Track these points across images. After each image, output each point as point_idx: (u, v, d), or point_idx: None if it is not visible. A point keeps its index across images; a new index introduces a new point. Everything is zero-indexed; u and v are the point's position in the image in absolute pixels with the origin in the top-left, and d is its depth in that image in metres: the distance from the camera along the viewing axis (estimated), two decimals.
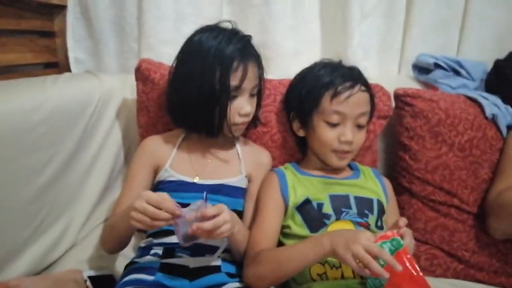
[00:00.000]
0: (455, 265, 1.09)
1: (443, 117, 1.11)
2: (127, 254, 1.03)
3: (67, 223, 1.06)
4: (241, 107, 0.94)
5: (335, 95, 0.95)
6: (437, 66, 1.29)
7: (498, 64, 1.25)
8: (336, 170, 1.04)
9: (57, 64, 1.43)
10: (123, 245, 0.94)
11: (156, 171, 1.00)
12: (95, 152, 1.17)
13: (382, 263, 0.71)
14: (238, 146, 1.05)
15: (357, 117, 0.97)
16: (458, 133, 1.11)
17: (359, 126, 0.98)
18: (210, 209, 0.75)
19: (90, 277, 0.94)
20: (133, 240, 1.08)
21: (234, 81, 0.91)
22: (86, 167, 1.14)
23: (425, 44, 1.41)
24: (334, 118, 0.96)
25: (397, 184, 1.16)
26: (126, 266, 0.93)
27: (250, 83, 0.94)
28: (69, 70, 1.44)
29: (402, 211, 1.13)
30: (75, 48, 1.45)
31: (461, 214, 1.11)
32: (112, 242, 0.93)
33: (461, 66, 1.28)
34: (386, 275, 0.69)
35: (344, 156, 0.99)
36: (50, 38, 1.41)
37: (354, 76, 0.99)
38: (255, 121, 1.05)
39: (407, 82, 1.34)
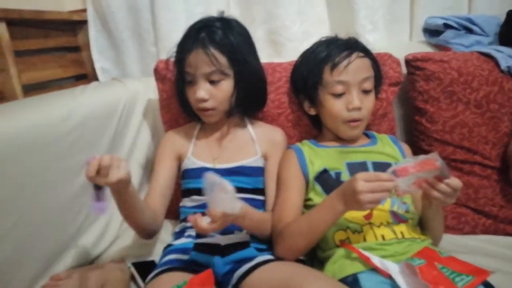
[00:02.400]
0: (483, 221, 1.09)
1: (455, 76, 1.11)
2: (166, 240, 1.11)
3: (108, 218, 1.16)
4: (194, 93, 0.99)
5: (334, 66, 0.98)
6: (448, 26, 1.28)
7: (510, 14, 1.21)
8: (352, 140, 1.06)
9: (86, 76, 1.55)
10: None
11: (180, 161, 1.07)
12: (128, 150, 1.26)
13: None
14: (251, 129, 1.09)
15: (360, 82, 0.99)
16: (473, 90, 1.10)
17: (365, 91, 1.00)
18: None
19: (133, 264, 1.03)
20: (170, 226, 1.17)
21: (185, 68, 0.99)
22: None
23: (435, 6, 1.40)
24: (338, 89, 0.99)
25: (417, 149, 1.17)
26: (164, 250, 1.01)
27: (198, 69, 0.97)
28: (97, 79, 1.55)
29: None
30: (100, 58, 1.56)
31: (484, 170, 1.10)
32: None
33: (472, 22, 1.26)
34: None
35: (356, 125, 1.01)
36: (77, 52, 1.53)
37: (350, 45, 1.01)
38: (230, 111, 1.04)
39: (420, 47, 1.33)
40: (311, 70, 1.03)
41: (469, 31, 1.27)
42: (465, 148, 1.11)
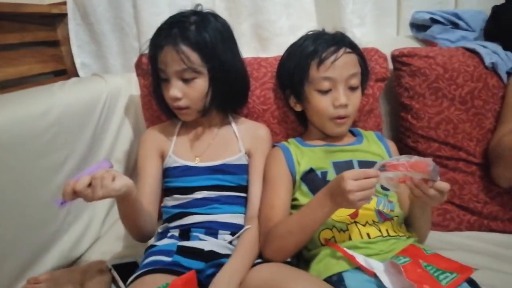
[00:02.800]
0: (468, 217, 1.09)
1: (441, 72, 1.10)
2: (148, 241, 1.09)
3: (89, 218, 1.14)
4: (168, 91, 0.97)
5: (320, 62, 0.96)
6: (434, 21, 1.27)
7: (495, 10, 1.22)
8: (338, 138, 1.05)
9: (65, 71, 1.50)
10: None
11: (162, 159, 1.04)
12: (109, 148, 1.24)
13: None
14: (234, 126, 1.07)
15: (347, 79, 0.97)
16: (458, 86, 1.10)
17: (352, 88, 0.98)
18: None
19: (114, 265, 1.01)
20: None
21: (159, 65, 0.96)
22: None
23: (422, 1, 1.39)
24: (325, 85, 0.97)
25: (403, 145, 1.17)
26: (145, 250, 0.98)
27: (169, 67, 0.94)
28: (77, 75, 1.51)
29: None
30: (80, 53, 1.51)
31: (469, 166, 1.11)
32: None
33: (459, 17, 1.26)
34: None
35: (342, 122, 1.00)
36: (56, 47, 1.48)
37: (337, 40, 0.99)
38: (204, 109, 0.99)
39: (406, 42, 1.33)
40: (297, 65, 1.01)
41: (456, 26, 1.27)
42: (450, 145, 1.11)
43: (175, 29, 0.93)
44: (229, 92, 1.01)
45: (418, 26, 1.33)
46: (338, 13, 1.37)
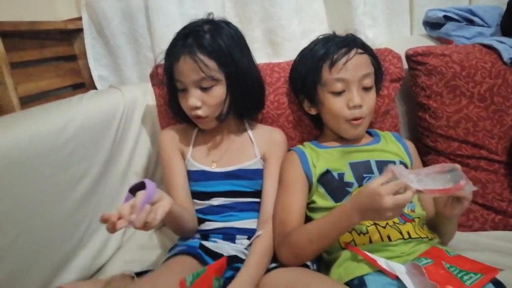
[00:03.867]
0: (493, 216, 1.06)
1: (458, 69, 1.08)
2: (169, 246, 1.10)
3: None
4: (186, 101, 0.97)
5: (332, 64, 0.96)
6: (448, 18, 1.25)
7: (511, 4, 1.19)
8: (355, 138, 1.04)
9: (84, 84, 1.54)
10: None
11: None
12: (128, 158, 1.25)
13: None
14: (250, 131, 1.08)
15: (360, 79, 0.96)
16: (476, 84, 1.08)
17: (366, 88, 0.98)
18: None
19: (137, 273, 1.01)
20: (171, 232, 1.16)
21: (175, 75, 0.97)
22: (121, 174, 1.22)
23: None
24: (338, 87, 0.97)
25: (422, 145, 1.15)
26: (170, 250, 0.99)
27: (187, 77, 0.94)
28: (95, 88, 1.54)
29: None
30: (97, 66, 1.55)
31: (491, 164, 1.08)
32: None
33: (473, 14, 1.24)
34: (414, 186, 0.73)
35: (358, 123, 0.99)
36: (73, 61, 1.52)
37: (348, 42, 0.99)
38: (221, 116, 1.00)
39: (421, 41, 1.31)
40: (309, 68, 1.01)
41: (470, 22, 1.24)
42: (470, 143, 1.09)
43: (190, 38, 0.94)
44: (247, 97, 1.02)
45: (432, 24, 1.31)
46: (349, 15, 1.37)
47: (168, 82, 1.01)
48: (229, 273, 0.88)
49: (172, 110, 1.06)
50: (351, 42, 0.99)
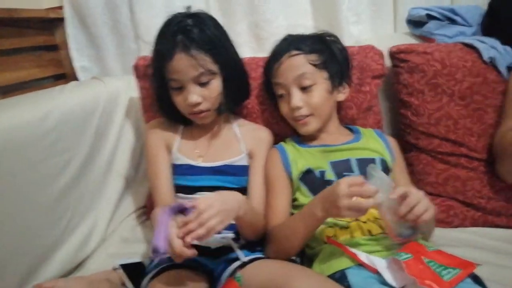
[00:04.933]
0: (472, 213, 1.09)
1: (439, 68, 1.10)
2: (150, 239, 1.09)
3: (94, 220, 1.14)
4: (185, 98, 0.96)
5: (269, 69, 1.03)
6: (431, 17, 1.27)
7: (492, 5, 1.21)
8: (335, 136, 1.05)
9: (65, 75, 1.51)
10: None
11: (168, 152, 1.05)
12: (111, 151, 1.24)
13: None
14: (236, 128, 1.08)
15: (294, 80, 0.99)
16: (457, 82, 1.10)
17: (304, 88, 0.99)
18: (191, 215, 0.75)
19: (121, 265, 1.00)
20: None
21: (169, 75, 0.95)
22: (104, 166, 1.21)
23: None
24: (278, 90, 1.03)
25: (404, 142, 1.17)
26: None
27: (186, 74, 0.93)
28: (77, 79, 1.52)
29: (411, 167, 1.14)
30: (79, 57, 1.52)
31: (471, 162, 1.10)
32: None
33: (455, 13, 1.26)
34: (372, 202, 0.74)
35: (304, 122, 1.01)
36: (55, 51, 1.49)
37: (282, 46, 1.04)
38: (221, 107, 1.00)
39: (404, 39, 1.32)
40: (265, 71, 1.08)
41: (452, 21, 1.26)
42: (451, 140, 1.11)
43: (179, 35, 0.92)
44: (238, 86, 1.03)
45: (415, 23, 1.33)
46: (334, 11, 1.37)
47: (158, 82, 0.99)
48: (221, 265, 0.89)
49: (162, 109, 1.04)
50: (285, 46, 1.03)
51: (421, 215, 0.75)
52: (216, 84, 0.97)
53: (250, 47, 1.46)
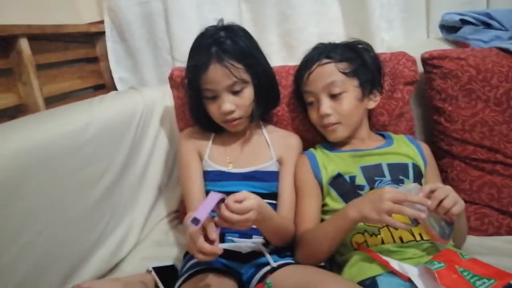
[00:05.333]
0: (508, 221, 1.05)
1: (473, 73, 1.08)
2: (184, 244, 1.13)
3: (129, 225, 1.18)
4: (219, 107, 0.99)
5: (300, 77, 1.05)
6: (465, 22, 1.25)
7: None
8: (366, 142, 1.05)
9: (104, 86, 1.58)
10: None
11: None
12: (146, 158, 1.28)
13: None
14: (266, 135, 1.10)
15: (324, 88, 1.00)
16: (492, 87, 1.07)
17: (333, 96, 1.00)
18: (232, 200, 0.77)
19: (154, 268, 1.04)
20: None
21: (204, 85, 0.99)
22: (140, 172, 1.26)
23: (452, 2, 1.37)
24: (308, 98, 1.05)
25: (437, 149, 1.15)
26: (184, 255, 1.02)
27: (220, 84, 0.97)
28: (115, 89, 1.59)
29: (445, 174, 1.13)
30: (118, 68, 1.59)
31: (507, 169, 1.07)
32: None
33: (491, 17, 1.23)
34: (423, 214, 0.75)
35: (332, 129, 1.02)
36: (95, 63, 1.56)
37: (312, 55, 1.05)
38: (253, 115, 1.03)
39: (437, 44, 1.29)
40: (296, 81, 1.11)
41: (488, 26, 1.24)
42: (486, 147, 1.08)
43: (214, 47, 0.96)
44: (269, 94, 1.06)
45: (448, 28, 1.31)
46: (366, 18, 1.37)
47: (192, 93, 1.03)
48: (251, 270, 0.91)
49: (196, 119, 1.09)
50: (316, 55, 1.04)
51: (451, 208, 0.76)
52: (249, 93, 1.00)
53: (281, 56, 1.48)
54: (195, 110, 1.07)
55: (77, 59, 1.47)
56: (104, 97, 1.25)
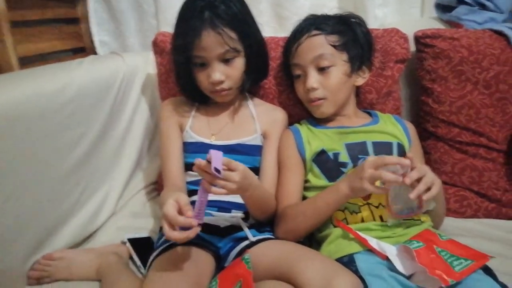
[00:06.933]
0: (486, 204, 1.07)
1: (465, 54, 1.06)
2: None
3: (105, 193, 1.15)
4: (209, 76, 0.95)
5: (289, 50, 1.02)
6: (461, 1, 1.22)
7: None
8: (352, 119, 1.03)
9: (84, 49, 1.51)
10: None
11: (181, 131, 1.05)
12: (126, 125, 1.25)
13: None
14: (252, 108, 1.06)
15: (312, 61, 0.97)
16: (482, 70, 1.06)
17: (322, 69, 0.97)
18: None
19: (130, 240, 1.02)
20: None
21: (194, 52, 0.93)
22: (119, 140, 1.22)
23: None
24: (295, 71, 1.02)
25: (422, 130, 1.14)
26: (162, 227, 0.99)
27: (211, 51, 0.92)
28: (96, 53, 1.52)
29: (428, 156, 1.12)
30: (99, 31, 1.52)
31: (490, 153, 1.07)
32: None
33: None
34: (400, 179, 0.73)
35: (317, 104, 1.00)
36: (75, 25, 1.49)
37: (302, 26, 1.01)
38: (243, 86, 1.00)
39: (431, 23, 1.28)
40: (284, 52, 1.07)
41: (483, 7, 1.21)
42: (471, 130, 1.08)
43: (207, 12, 0.90)
44: (259, 65, 1.03)
45: (444, 7, 1.28)
46: None
47: (181, 60, 0.97)
48: (229, 244, 0.90)
49: (181, 86, 1.04)
50: (306, 26, 1.00)
51: (428, 189, 0.75)
52: (240, 63, 0.96)
53: (272, 27, 1.43)
54: (182, 77, 1.02)
55: (56, 18, 1.39)
56: (84, 60, 1.19)
